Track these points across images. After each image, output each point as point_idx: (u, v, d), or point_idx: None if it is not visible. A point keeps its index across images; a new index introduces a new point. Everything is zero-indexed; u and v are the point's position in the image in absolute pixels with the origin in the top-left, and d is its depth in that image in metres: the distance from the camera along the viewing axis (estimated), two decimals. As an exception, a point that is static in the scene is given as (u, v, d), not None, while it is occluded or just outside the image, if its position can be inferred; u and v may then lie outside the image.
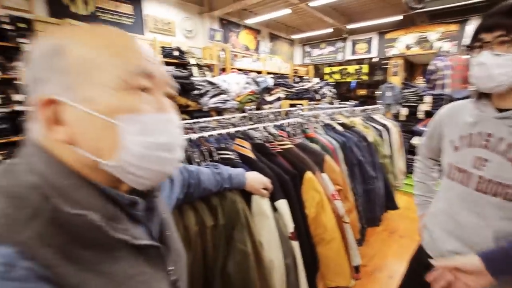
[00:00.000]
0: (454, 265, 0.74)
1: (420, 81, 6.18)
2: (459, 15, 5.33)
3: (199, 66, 4.61)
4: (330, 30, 6.89)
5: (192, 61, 4.50)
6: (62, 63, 0.35)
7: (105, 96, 0.36)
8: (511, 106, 0.74)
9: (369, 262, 2.08)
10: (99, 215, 0.36)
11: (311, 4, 5.10)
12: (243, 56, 6.04)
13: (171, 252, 0.49)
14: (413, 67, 7.66)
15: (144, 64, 0.38)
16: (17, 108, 2.79)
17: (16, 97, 2.79)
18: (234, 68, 5.43)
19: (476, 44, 0.76)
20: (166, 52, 4.25)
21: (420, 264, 0.99)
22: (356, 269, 1.36)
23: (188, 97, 2.42)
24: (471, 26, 5.60)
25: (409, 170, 3.29)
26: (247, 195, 0.98)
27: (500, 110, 0.76)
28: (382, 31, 6.66)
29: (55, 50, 0.35)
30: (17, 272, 0.28)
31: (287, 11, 5.54)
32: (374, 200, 1.80)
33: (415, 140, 3.43)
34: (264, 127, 1.44)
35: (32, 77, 0.36)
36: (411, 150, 3.39)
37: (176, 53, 4.35)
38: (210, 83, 2.69)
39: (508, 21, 0.70)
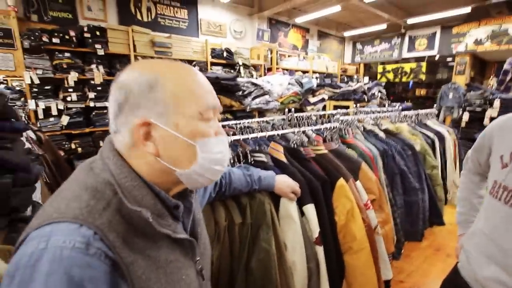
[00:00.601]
0: None
1: (492, 82, 5.41)
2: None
3: (246, 66, 4.77)
4: (385, 26, 6.42)
5: (240, 61, 4.68)
6: (157, 95, 0.46)
7: (188, 124, 0.48)
8: None
9: (407, 278, 1.95)
10: (150, 212, 0.46)
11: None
12: (290, 56, 6.03)
13: (200, 246, 0.59)
14: (483, 66, 6.71)
15: (212, 101, 0.51)
16: (91, 104, 3.28)
17: (91, 95, 3.28)
18: (280, 68, 5.47)
19: None
20: (216, 53, 4.50)
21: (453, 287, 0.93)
22: (386, 283, 1.32)
23: (232, 97, 2.55)
24: None
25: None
26: (276, 198, 1.04)
27: None
28: (446, 25, 5.97)
29: (151, 84, 0.46)
30: (91, 250, 0.38)
31: (337, 8, 5.35)
32: (416, 213, 1.69)
33: (477, 150, 3.05)
34: (297, 131, 1.48)
35: (128, 101, 0.46)
36: (471, 161, 3.03)
37: (225, 54, 4.58)
38: (254, 84, 2.78)
39: None
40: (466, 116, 3.34)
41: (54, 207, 0.41)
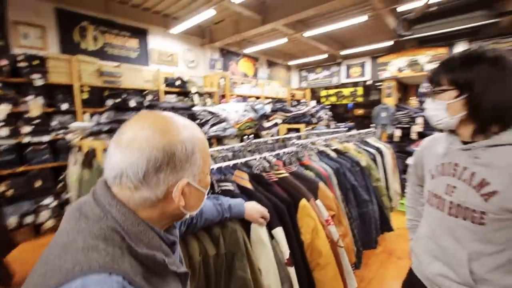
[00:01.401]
0: None
1: (413, 102, 6.39)
2: (446, 40, 5.64)
3: (200, 94, 4.84)
4: (325, 56, 7.24)
5: (193, 89, 4.74)
6: (195, 160, 0.54)
7: (204, 179, 0.58)
8: (472, 139, 0.85)
9: (368, 285, 2.10)
10: (161, 253, 0.51)
11: (305, 34, 5.43)
12: (242, 83, 6.31)
13: None
14: (406, 88, 7.93)
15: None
16: (25, 139, 2.94)
17: (25, 129, 2.94)
18: (233, 95, 5.67)
19: (428, 92, 0.92)
20: (169, 82, 4.50)
21: (411, 287, 1.06)
22: (353, 292, 1.41)
23: (190, 126, 2.57)
24: (459, 49, 5.90)
25: (405, 190, 3.35)
26: (246, 224, 1.07)
27: (465, 143, 0.87)
28: (374, 55, 7.00)
29: (193, 150, 0.53)
30: None
31: (283, 40, 5.88)
32: (369, 223, 1.87)
33: (409, 161, 3.52)
34: (258, 158, 1.56)
35: (170, 164, 0.51)
36: (406, 170, 3.47)
37: (178, 82, 4.60)
38: (210, 112, 2.85)
39: (433, 76, 0.87)
40: (398, 132, 3.88)
41: (70, 261, 0.41)
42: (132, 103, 3.67)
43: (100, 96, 3.64)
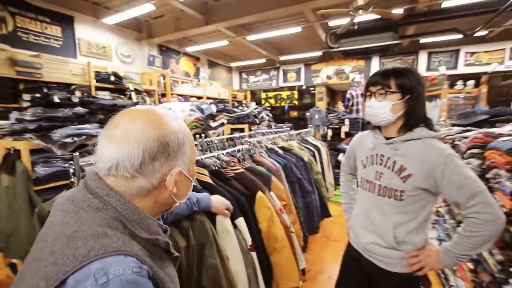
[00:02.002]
0: None
1: (340, 106, 7.29)
2: (364, 54, 6.63)
3: (138, 91, 4.52)
4: (264, 60, 7.61)
5: (131, 86, 4.40)
6: (185, 150, 0.58)
7: (192, 168, 0.63)
8: (393, 135, 1.10)
9: (311, 267, 2.36)
10: (162, 237, 0.55)
11: (247, 38, 5.63)
12: (183, 82, 6.14)
13: None
14: (334, 94, 8.97)
15: None
16: None
17: None
18: (174, 94, 5.48)
19: (367, 93, 1.12)
20: (102, 77, 4.07)
21: (350, 257, 1.28)
22: (303, 271, 1.60)
23: (134, 125, 2.41)
24: (374, 62, 6.99)
25: (338, 182, 3.83)
26: (211, 216, 1.12)
27: (387, 138, 1.11)
28: (308, 63, 7.70)
29: (183, 141, 0.57)
30: (143, 272, 0.45)
31: (225, 42, 5.97)
32: (312, 211, 2.12)
33: (340, 157, 4.05)
34: (216, 156, 1.62)
35: (164, 153, 0.54)
36: (337, 165, 3.97)
37: (112, 78, 4.20)
38: (155, 111, 2.74)
39: (383, 80, 1.07)
40: (330, 132, 4.40)
41: (83, 247, 0.43)
42: (56, 99, 3.21)
43: (13, 90, 3.08)
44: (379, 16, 4.03)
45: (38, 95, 3.11)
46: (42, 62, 3.35)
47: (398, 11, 4.32)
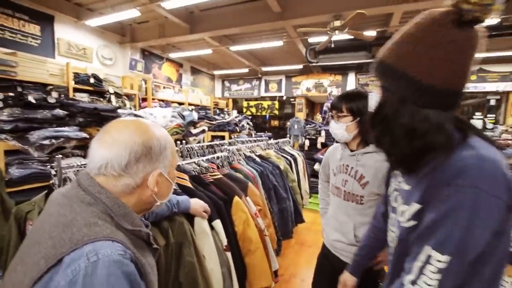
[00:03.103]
0: None
1: (319, 117, 7.61)
2: (341, 70, 7.02)
3: (118, 95, 4.48)
4: (246, 70, 7.80)
5: (111, 89, 4.35)
6: (166, 154, 0.66)
7: (172, 171, 0.71)
8: (355, 149, 1.26)
9: (285, 271, 2.46)
10: (145, 229, 0.64)
11: (230, 48, 5.79)
12: (164, 87, 6.13)
13: None
14: (313, 105, 9.32)
15: None
16: None
17: None
18: (155, 99, 5.46)
19: (331, 115, 1.30)
20: (81, 79, 4.00)
21: (323, 255, 1.41)
22: (275, 273, 1.69)
23: (114, 129, 2.41)
24: (350, 77, 7.40)
25: (313, 191, 4.00)
26: (189, 218, 1.20)
27: (352, 151, 1.27)
28: (288, 75, 7.99)
29: (165, 146, 0.66)
30: (127, 255, 0.52)
31: (209, 51, 6.08)
32: (286, 217, 2.23)
33: (316, 166, 4.24)
34: (196, 162, 1.70)
35: (147, 156, 0.62)
36: (313, 174, 4.16)
37: (92, 80, 4.14)
38: (136, 115, 2.75)
39: (337, 105, 1.24)
40: (307, 142, 4.60)
41: (77, 233, 0.50)
42: (30, 99, 3.12)
43: (-16, 88, 2.96)
44: (353, 37, 4.35)
45: (11, 94, 3.03)
46: (18, 60, 3.26)
47: (372, 33, 4.68)
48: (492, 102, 6.49)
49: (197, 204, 1.20)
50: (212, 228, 1.29)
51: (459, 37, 0.56)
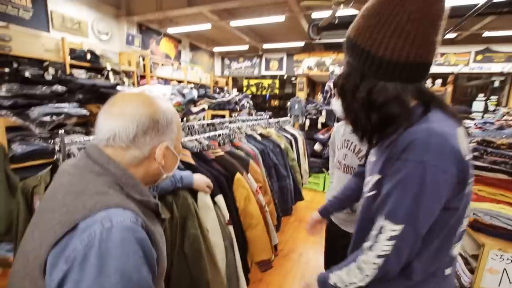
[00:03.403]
0: None
1: (320, 97, 7.52)
2: (344, 47, 6.81)
3: (116, 72, 4.38)
4: (247, 47, 7.58)
5: (109, 66, 4.26)
6: (172, 128, 0.67)
7: (178, 145, 0.72)
8: None
9: (284, 246, 2.56)
10: (153, 199, 0.66)
11: (230, 23, 5.58)
12: (163, 64, 5.99)
13: None
14: (314, 85, 9.17)
15: None
16: None
17: None
18: (154, 76, 5.35)
19: (333, 93, 1.34)
20: (77, 54, 3.89)
21: (329, 224, 1.47)
22: (275, 247, 1.76)
23: (114, 106, 2.39)
24: (352, 57, 7.21)
25: (313, 170, 4.05)
26: (192, 193, 1.23)
27: None
28: (290, 53, 7.78)
29: (172, 120, 0.67)
30: (139, 222, 0.54)
31: (208, 26, 5.87)
32: (286, 194, 2.28)
33: (316, 146, 4.26)
34: (197, 139, 1.71)
35: (154, 129, 0.63)
36: (313, 154, 4.19)
37: (89, 56, 4.04)
38: (136, 93, 2.72)
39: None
40: (307, 122, 4.58)
41: (90, 201, 0.52)
42: (27, 75, 3.05)
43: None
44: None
45: (7, 69, 2.96)
46: (11, 34, 3.15)
47: (377, 8, 4.49)
48: (496, 84, 6.40)
49: (200, 180, 1.23)
50: (214, 203, 1.33)
51: (413, 7, 0.56)
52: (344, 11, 4.01)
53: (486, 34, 5.56)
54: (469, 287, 1.11)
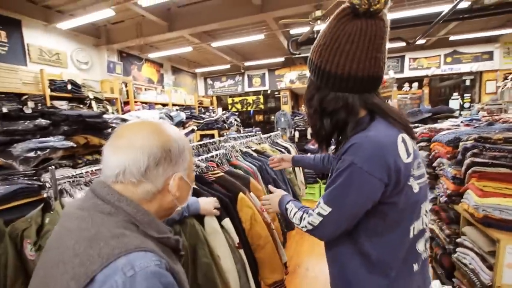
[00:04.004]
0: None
1: (304, 108, 7.66)
2: (323, 59, 7.07)
3: (99, 100, 4.29)
4: (228, 66, 7.71)
5: (91, 95, 4.16)
6: (185, 156, 0.62)
7: (190, 174, 0.66)
8: None
9: (289, 262, 2.48)
10: (172, 235, 0.61)
11: (211, 45, 5.68)
12: (146, 89, 5.94)
13: None
14: (298, 97, 9.36)
15: None
16: None
17: None
18: (138, 102, 5.28)
19: None
20: (57, 86, 3.79)
21: None
22: (284, 265, 1.70)
23: (101, 136, 2.30)
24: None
25: (308, 181, 4.04)
26: (199, 219, 1.17)
27: None
28: (271, 68, 7.97)
29: (184, 148, 0.62)
30: (163, 265, 0.48)
31: (189, 48, 5.93)
32: (288, 209, 2.24)
33: (308, 157, 4.28)
34: (194, 163, 1.66)
35: (167, 159, 0.58)
36: (306, 165, 4.19)
37: (69, 86, 3.94)
38: (123, 120, 2.64)
39: None
40: (297, 134, 4.63)
41: (106, 247, 0.46)
42: (5, 110, 2.92)
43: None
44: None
45: (-17, 107, 2.81)
46: (-14, 70, 3.04)
47: (351, 21, 4.73)
48: (467, 83, 6.80)
49: (206, 204, 1.17)
50: (221, 226, 1.27)
51: (352, 29, 0.67)
52: (321, 26, 4.18)
53: (452, 38, 5.96)
54: (490, 285, 1.10)
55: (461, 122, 2.04)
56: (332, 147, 0.84)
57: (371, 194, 0.67)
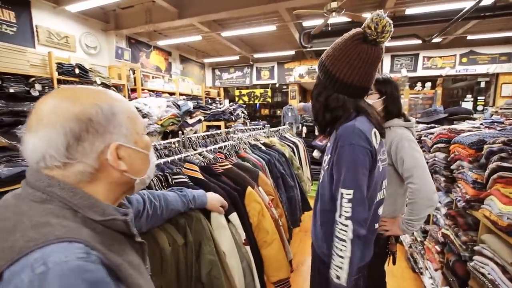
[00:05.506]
0: None
1: (312, 104, 7.54)
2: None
3: (106, 86, 4.24)
4: (237, 57, 7.59)
5: (98, 80, 4.12)
6: (119, 120, 0.52)
7: (140, 139, 0.57)
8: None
9: (293, 260, 2.43)
10: (120, 216, 0.53)
11: (222, 34, 5.56)
12: (154, 77, 5.87)
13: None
14: (306, 92, 9.23)
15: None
16: None
17: None
18: (145, 89, 5.23)
19: None
20: (65, 69, 3.75)
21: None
22: (290, 263, 1.65)
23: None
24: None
25: (314, 178, 3.97)
26: (205, 213, 1.11)
27: None
28: (280, 61, 7.83)
29: (112, 111, 0.51)
30: (92, 257, 0.40)
31: (198, 37, 5.83)
32: (294, 205, 2.18)
33: (315, 153, 4.20)
34: (201, 154, 1.61)
35: (90, 130, 0.48)
36: (313, 161, 4.12)
37: (77, 70, 3.90)
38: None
39: None
40: (305, 129, 4.54)
41: (21, 239, 0.39)
42: (12, 91, 2.89)
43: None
44: (350, 19, 4.24)
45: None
46: (-5, 50, 3.00)
47: (368, 15, 4.58)
48: (482, 84, 6.59)
49: (214, 199, 1.11)
50: (228, 221, 1.21)
51: (362, 51, 0.88)
52: (336, 19, 4.05)
53: (470, 37, 5.75)
54: (513, 298, 1.04)
55: (481, 124, 1.95)
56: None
57: (366, 162, 0.88)
